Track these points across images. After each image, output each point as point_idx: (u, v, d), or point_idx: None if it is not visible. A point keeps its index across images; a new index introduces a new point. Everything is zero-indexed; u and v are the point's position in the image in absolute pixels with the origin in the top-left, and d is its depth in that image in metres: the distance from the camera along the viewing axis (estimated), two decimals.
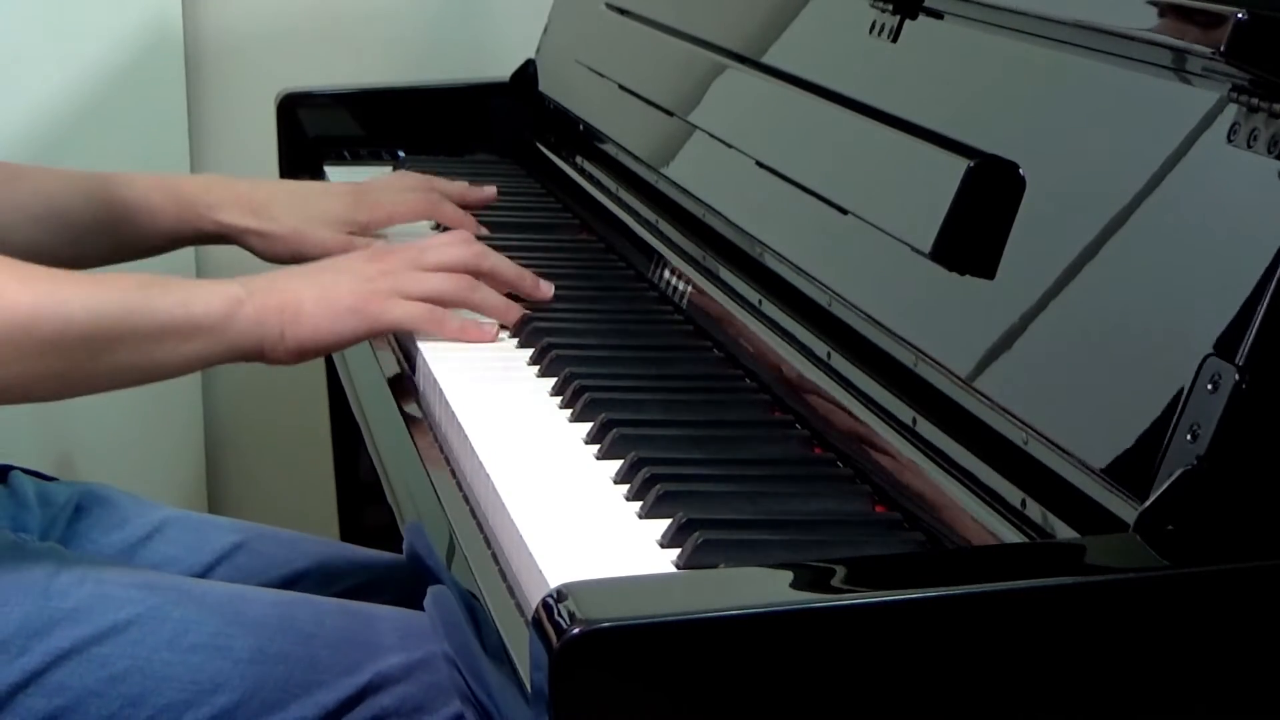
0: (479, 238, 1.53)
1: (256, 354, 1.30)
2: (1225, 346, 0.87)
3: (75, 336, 1.21)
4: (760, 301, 1.34)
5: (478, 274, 1.40)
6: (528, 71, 2.11)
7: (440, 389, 1.28)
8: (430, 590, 1.12)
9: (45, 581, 1.24)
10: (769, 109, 1.44)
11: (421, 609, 1.16)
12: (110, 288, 1.26)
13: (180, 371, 1.29)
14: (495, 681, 0.96)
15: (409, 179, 1.73)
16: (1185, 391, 0.88)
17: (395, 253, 1.39)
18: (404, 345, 1.43)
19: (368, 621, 1.28)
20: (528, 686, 0.82)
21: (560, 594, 0.80)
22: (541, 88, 2.08)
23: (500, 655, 0.95)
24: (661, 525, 1.03)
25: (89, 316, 1.22)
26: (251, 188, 1.62)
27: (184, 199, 1.59)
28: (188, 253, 2.35)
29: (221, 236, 1.61)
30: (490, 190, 1.76)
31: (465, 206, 1.72)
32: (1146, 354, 0.93)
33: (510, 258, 1.63)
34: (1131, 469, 0.90)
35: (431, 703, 1.24)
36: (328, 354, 1.37)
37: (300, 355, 1.31)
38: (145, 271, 1.37)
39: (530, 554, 0.99)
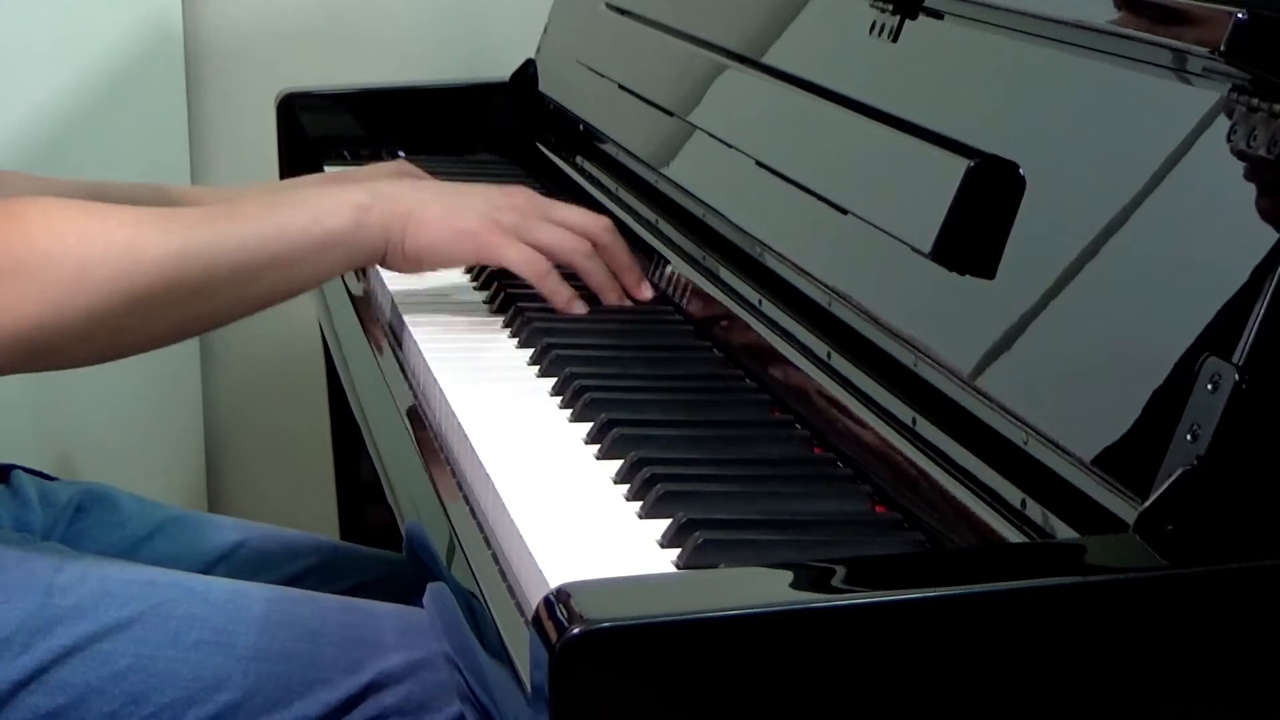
0: None
1: (379, 257, 1.36)
2: (1225, 346, 0.87)
3: (223, 274, 1.27)
4: (760, 301, 1.34)
5: (596, 245, 1.43)
6: (528, 71, 2.11)
7: (440, 389, 1.28)
8: (429, 587, 1.12)
9: (47, 579, 1.24)
10: (769, 109, 1.44)
11: (422, 609, 1.16)
12: (244, 219, 1.30)
13: (317, 284, 1.37)
14: (495, 681, 0.96)
15: (385, 167, 1.75)
16: (1185, 391, 0.88)
17: (527, 194, 1.43)
18: (404, 345, 1.43)
19: (370, 619, 1.28)
20: (528, 686, 0.82)
21: (560, 594, 0.80)
22: (541, 88, 2.08)
23: (500, 655, 0.95)
24: (661, 525, 1.03)
25: (232, 254, 1.27)
26: (235, 192, 1.64)
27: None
28: None
29: None
30: None
31: None
32: (1146, 354, 0.93)
33: None
34: (1131, 469, 0.90)
35: (434, 701, 1.24)
36: (439, 267, 1.41)
37: (418, 262, 1.37)
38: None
39: (530, 554, 0.99)
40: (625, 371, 1.32)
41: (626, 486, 1.10)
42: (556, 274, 1.41)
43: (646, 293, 1.47)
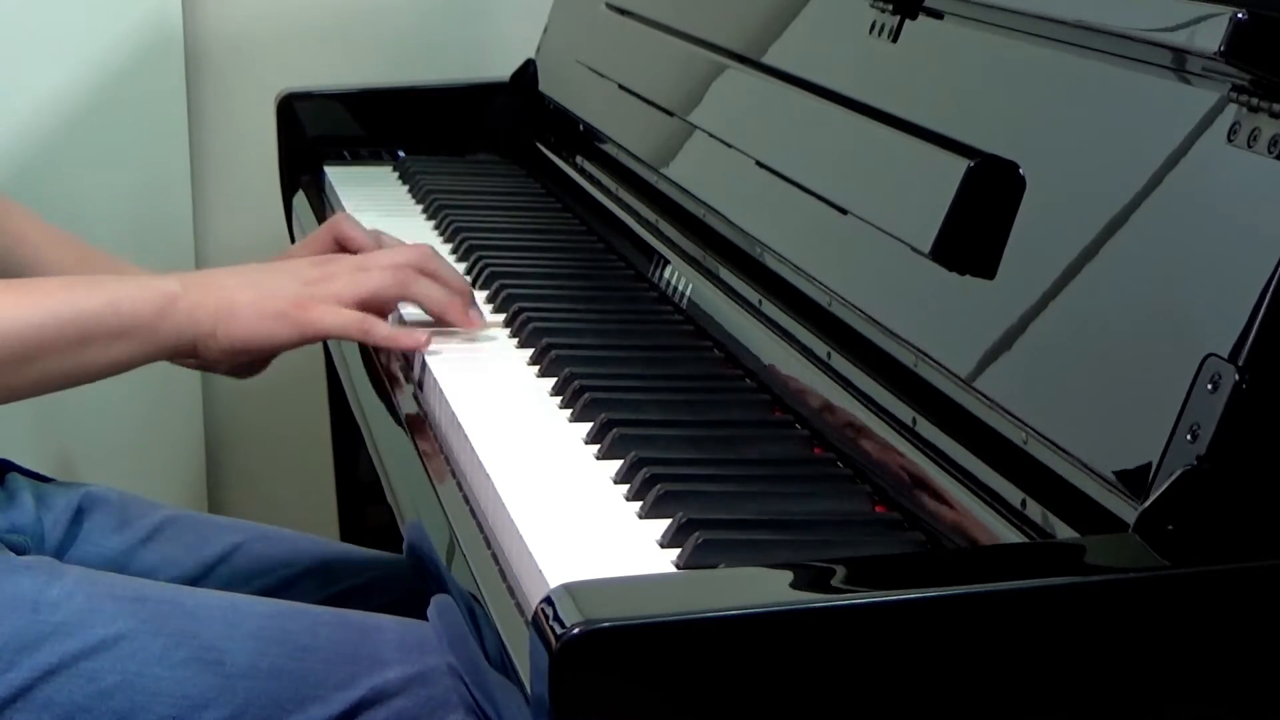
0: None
1: (189, 351, 1.29)
2: (1225, 346, 0.87)
3: (0, 347, 1.21)
4: (760, 301, 1.34)
5: (420, 272, 1.38)
6: (528, 71, 2.12)
7: (440, 389, 1.28)
8: (434, 600, 1.12)
9: (35, 595, 1.23)
10: (769, 109, 1.44)
11: (422, 611, 1.15)
12: (34, 293, 1.25)
13: (111, 373, 1.27)
14: (499, 688, 0.96)
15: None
16: (1185, 391, 0.88)
17: (341, 258, 1.38)
18: None
19: (364, 633, 1.27)
20: (528, 687, 0.82)
21: (560, 594, 0.80)
22: (541, 88, 2.08)
23: (501, 658, 0.95)
24: (661, 525, 1.03)
25: (13, 327, 1.22)
26: (55, 236, 1.55)
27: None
28: (186, 251, 2.35)
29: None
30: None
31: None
32: (1146, 354, 0.93)
33: (510, 258, 1.63)
34: (1131, 469, 0.90)
35: (429, 716, 1.23)
36: (260, 357, 1.34)
37: (232, 355, 1.30)
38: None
39: (530, 554, 0.99)
40: (625, 371, 1.32)
41: (626, 486, 1.10)
42: (382, 323, 1.34)
43: (476, 321, 1.40)
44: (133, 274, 1.51)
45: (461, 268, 1.61)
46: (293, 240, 1.98)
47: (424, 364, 1.34)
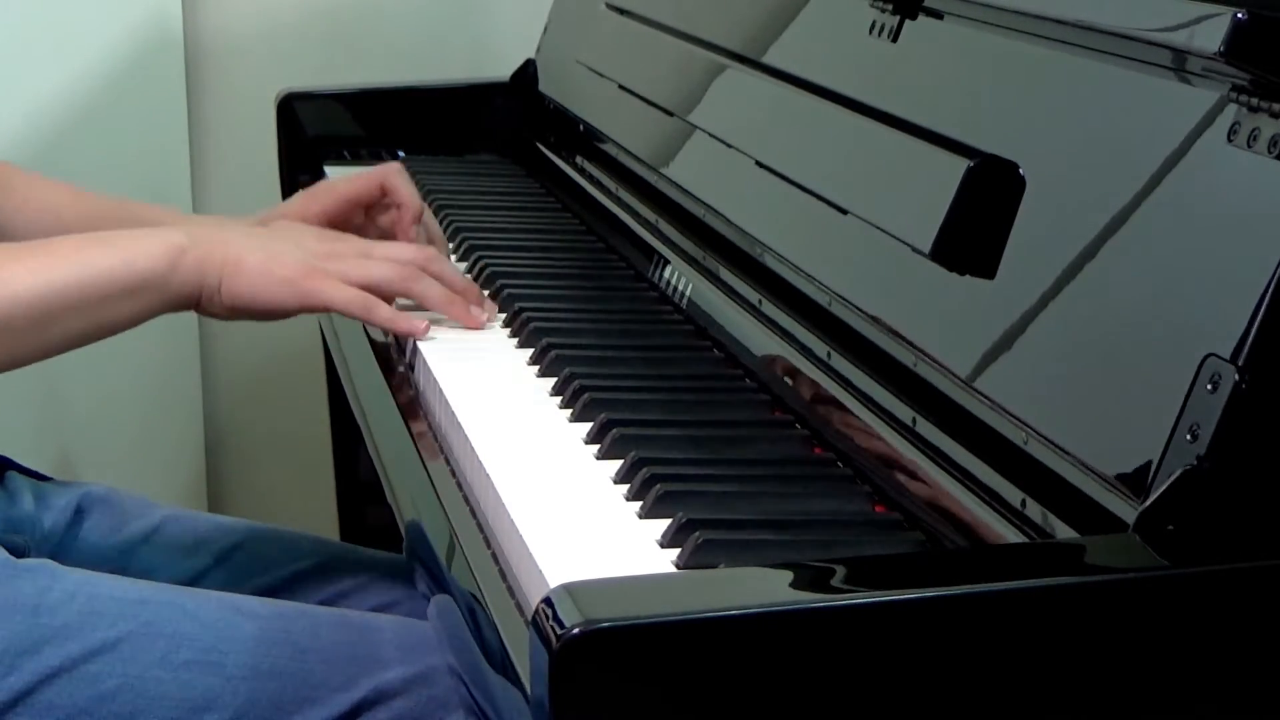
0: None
1: (193, 302, 1.32)
2: (1225, 346, 0.87)
3: (23, 313, 1.24)
4: (760, 301, 1.34)
5: (424, 271, 1.40)
6: (528, 71, 2.12)
7: (440, 388, 1.28)
8: (434, 600, 1.12)
9: (35, 598, 1.22)
10: (769, 109, 1.44)
11: (422, 611, 1.15)
12: (52, 256, 1.27)
13: (126, 327, 1.30)
14: (498, 688, 0.96)
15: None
16: (1185, 391, 0.88)
17: (346, 238, 1.40)
18: (403, 344, 1.43)
19: (365, 634, 1.27)
20: (528, 687, 0.82)
21: (560, 594, 0.80)
22: (541, 88, 2.08)
23: (501, 658, 0.95)
24: (661, 525, 1.03)
25: (35, 292, 1.24)
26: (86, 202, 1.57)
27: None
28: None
29: None
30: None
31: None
32: (1146, 354, 0.93)
33: (510, 258, 1.63)
34: (1131, 469, 0.90)
35: (429, 717, 1.23)
36: (258, 318, 1.36)
37: (233, 311, 1.33)
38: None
39: (530, 554, 0.99)
40: (625, 371, 1.32)
41: (626, 486, 1.10)
42: (385, 304, 1.36)
43: (479, 318, 1.42)
44: (130, 212, 1.53)
45: (461, 268, 1.61)
46: None
47: (424, 363, 1.34)
